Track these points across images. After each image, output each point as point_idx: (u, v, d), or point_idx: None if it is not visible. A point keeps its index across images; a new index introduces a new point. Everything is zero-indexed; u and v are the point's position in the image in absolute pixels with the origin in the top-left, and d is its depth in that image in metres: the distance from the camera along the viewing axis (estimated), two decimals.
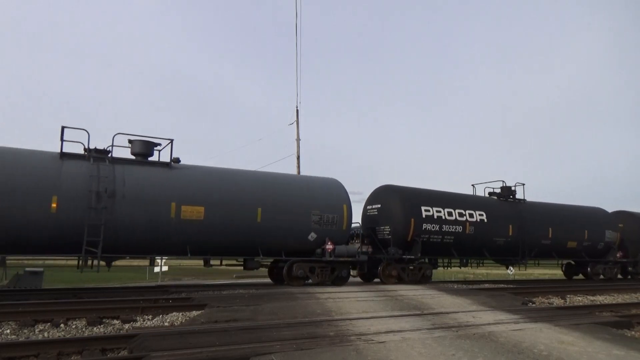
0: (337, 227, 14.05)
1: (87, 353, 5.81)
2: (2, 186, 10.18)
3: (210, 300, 9.52)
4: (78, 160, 11.33)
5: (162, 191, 11.79)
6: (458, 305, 9.71)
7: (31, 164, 10.74)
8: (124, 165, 11.73)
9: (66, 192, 10.71)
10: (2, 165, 10.41)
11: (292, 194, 13.65)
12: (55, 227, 10.54)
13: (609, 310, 10.48)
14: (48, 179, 10.66)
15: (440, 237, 15.93)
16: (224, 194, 12.55)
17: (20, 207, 10.26)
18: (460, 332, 6.65)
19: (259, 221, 12.80)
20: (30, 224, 10.36)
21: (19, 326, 7.25)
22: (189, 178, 12.37)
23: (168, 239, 11.80)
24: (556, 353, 5.55)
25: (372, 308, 8.99)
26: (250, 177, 13.49)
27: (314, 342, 5.74)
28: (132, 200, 11.38)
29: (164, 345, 5.51)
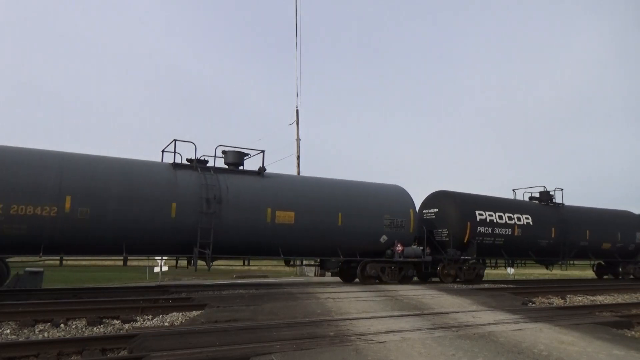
0: (405, 230, 15.39)
1: (87, 353, 5.81)
2: (134, 195, 11.40)
3: (210, 300, 9.52)
4: (187, 170, 12.63)
5: (259, 198, 13.03)
6: (458, 305, 9.71)
7: (154, 174, 12.07)
8: (224, 174, 13.01)
9: (183, 199, 11.95)
10: (131, 177, 11.64)
11: (367, 200, 14.99)
12: (174, 231, 11.77)
13: (609, 310, 10.47)
14: (169, 188, 11.95)
15: (492, 239, 17.27)
16: (310, 200, 13.83)
17: (148, 214, 11.48)
18: (460, 332, 6.65)
19: (340, 225, 14.08)
20: (155, 229, 11.57)
21: (19, 326, 7.25)
22: (280, 185, 13.68)
23: (264, 241, 12.98)
24: (556, 353, 5.56)
25: (372, 308, 8.99)
26: (331, 185, 14.86)
27: (314, 342, 5.74)
28: (234, 206, 12.57)
29: (164, 345, 5.51)
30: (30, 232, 10.34)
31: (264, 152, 13.80)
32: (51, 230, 10.54)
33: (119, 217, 11.18)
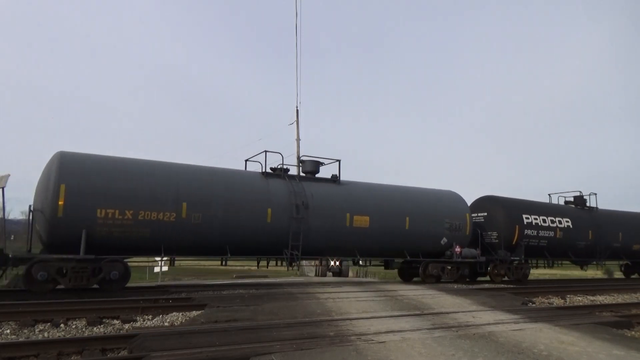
0: (462, 233, 16.62)
1: (87, 353, 5.81)
2: (236, 202, 12.58)
3: (210, 300, 9.52)
4: (277, 178, 13.85)
5: (338, 204, 14.26)
6: (458, 305, 9.71)
7: (250, 183, 13.34)
8: (306, 182, 14.23)
9: (276, 206, 13.13)
10: (232, 185, 12.90)
11: (429, 205, 16.33)
12: (269, 234, 12.97)
13: (609, 310, 10.47)
14: (264, 195, 13.15)
15: (537, 241, 18.48)
16: (382, 205, 15.07)
17: (248, 219, 12.68)
18: (460, 332, 6.65)
19: (407, 228, 15.36)
20: (253, 232, 12.78)
21: (19, 326, 7.25)
22: (355, 192, 14.93)
23: (343, 243, 14.23)
24: (556, 353, 5.55)
25: (372, 308, 8.99)
26: (399, 191, 16.22)
27: (314, 342, 5.74)
28: (319, 211, 13.75)
29: (164, 345, 5.51)
30: (152, 235, 11.52)
31: (339, 161, 15.16)
32: (170, 234, 11.75)
33: (224, 222, 12.38)
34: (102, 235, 10.96)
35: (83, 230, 10.66)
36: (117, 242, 11.23)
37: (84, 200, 10.78)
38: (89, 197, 10.85)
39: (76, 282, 10.65)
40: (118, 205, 11.09)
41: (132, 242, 11.38)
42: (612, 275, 30.25)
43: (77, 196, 10.71)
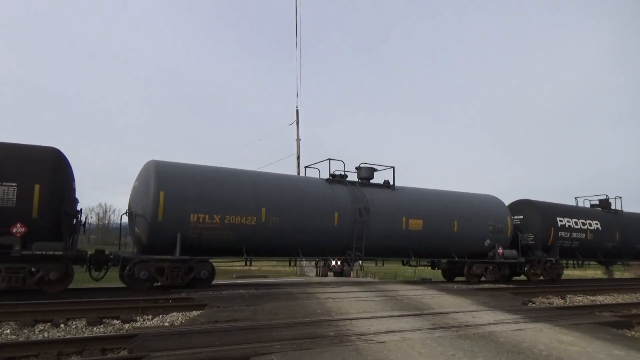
0: (503, 235, 17.61)
1: (87, 353, 5.81)
2: (306, 206, 13.60)
3: (210, 300, 9.52)
4: (339, 184, 14.88)
5: (395, 208, 15.25)
6: (458, 305, 9.71)
7: (318, 188, 14.41)
8: (365, 188, 15.22)
9: (342, 210, 14.16)
10: (302, 191, 13.91)
11: (474, 208, 17.30)
12: (336, 237, 14.00)
13: (609, 310, 10.47)
14: (331, 200, 14.18)
15: (570, 242, 19.50)
16: (433, 209, 16.09)
17: (317, 222, 13.69)
18: (460, 332, 6.65)
19: (455, 231, 16.32)
20: (322, 235, 13.80)
21: (19, 326, 7.25)
22: (409, 197, 15.98)
23: (399, 245, 15.29)
24: (556, 353, 5.55)
25: (372, 308, 8.99)
26: (447, 196, 17.19)
27: (314, 342, 5.74)
28: (378, 215, 14.70)
29: (164, 345, 5.51)
30: (236, 237, 12.53)
31: (394, 168, 16.16)
32: (251, 236, 12.75)
33: (297, 225, 13.36)
34: (193, 238, 11.99)
35: (178, 233, 11.71)
36: (206, 244, 12.25)
37: (180, 206, 11.81)
38: (184, 203, 11.87)
39: (173, 280, 11.66)
40: (208, 211, 12.10)
41: (218, 244, 12.44)
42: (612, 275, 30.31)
43: (174, 202, 11.74)
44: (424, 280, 21.90)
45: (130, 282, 11.67)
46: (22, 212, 10.09)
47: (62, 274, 10.62)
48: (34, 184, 10.19)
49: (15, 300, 9.37)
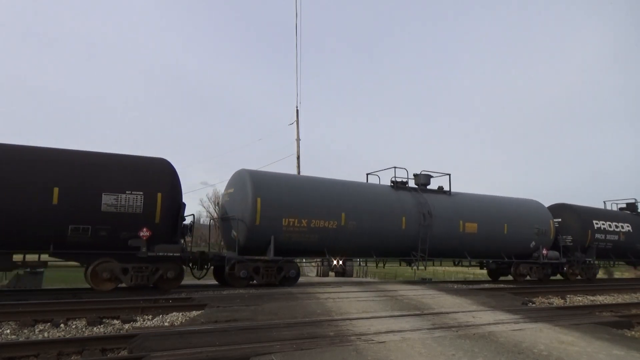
0: (547, 237, 18.95)
1: (87, 353, 5.81)
2: (377, 211, 14.84)
3: (210, 300, 9.52)
4: (404, 190, 16.29)
5: (453, 212, 16.58)
6: (458, 305, 9.71)
7: (386, 195, 15.75)
8: (426, 194, 16.59)
9: (409, 214, 15.47)
10: (374, 197, 15.21)
11: (521, 212, 18.62)
12: (403, 239, 15.36)
13: (609, 310, 10.47)
14: (398, 206, 15.50)
15: (605, 244, 20.74)
16: (486, 213, 17.53)
17: (388, 226, 15.02)
18: (460, 332, 6.65)
19: (505, 233, 17.70)
20: (392, 237, 15.17)
21: (19, 326, 7.25)
22: (465, 202, 17.36)
23: (456, 247, 16.61)
24: (556, 353, 5.55)
25: (372, 308, 8.99)
26: (497, 201, 18.72)
27: (314, 342, 5.74)
28: (439, 219, 15.99)
29: (164, 345, 5.51)
30: (319, 240, 13.82)
31: (449, 175, 17.46)
32: (332, 239, 14.02)
33: (371, 229, 14.62)
34: (283, 240, 13.21)
35: (272, 236, 12.96)
36: (294, 246, 13.48)
37: (274, 211, 13.05)
38: (277, 209, 13.12)
39: (267, 279, 13.06)
40: (297, 216, 13.40)
41: (304, 246, 13.70)
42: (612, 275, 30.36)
43: (269, 208, 12.99)
44: (424, 280, 21.92)
45: (231, 279, 12.95)
46: (148, 217, 11.37)
47: (177, 273, 11.93)
48: (157, 193, 11.51)
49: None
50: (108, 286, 11.15)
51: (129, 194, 11.19)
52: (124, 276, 11.24)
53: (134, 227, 11.18)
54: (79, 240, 10.85)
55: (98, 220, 10.88)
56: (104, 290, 11.03)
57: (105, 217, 10.93)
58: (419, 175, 17.04)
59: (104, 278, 11.08)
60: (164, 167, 12.08)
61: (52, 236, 10.62)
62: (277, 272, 13.13)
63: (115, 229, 11.08)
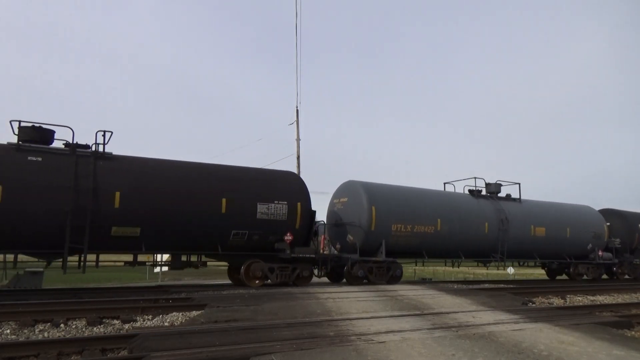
0: (601, 240, 20.90)
1: (87, 353, 5.81)
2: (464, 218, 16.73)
3: (210, 300, 9.51)
4: (482, 198, 18.14)
5: (524, 218, 18.46)
6: (458, 305, 9.70)
7: (469, 202, 17.53)
8: (500, 201, 18.39)
9: (490, 220, 17.37)
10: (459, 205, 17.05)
11: (579, 217, 20.61)
12: (485, 242, 17.27)
13: (609, 310, 10.46)
14: (480, 212, 17.33)
15: None
16: (552, 218, 19.52)
17: (473, 230, 16.85)
18: (460, 332, 6.64)
19: (568, 236, 19.77)
20: (476, 241, 16.98)
21: (19, 326, 7.24)
22: (533, 208, 19.26)
23: (527, 248, 18.69)
24: (556, 353, 5.55)
25: (372, 308, 8.98)
26: (559, 207, 20.63)
27: (314, 342, 5.74)
28: (514, 224, 17.90)
29: (164, 345, 5.51)
30: (420, 243, 15.69)
31: (519, 184, 19.37)
32: (429, 242, 15.84)
33: (460, 233, 16.44)
34: (391, 243, 14.92)
35: (383, 239, 14.74)
36: (399, 249, 15.23)
37: (385, 218, 14.79)
38: (388, 216, 14.86)
39: (379, 278, 14.80)
40: (403, 221, 15.18)
41: (407, 248, 15.47)
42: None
43: (382, 215, 14.73)
44: (424, 280, 21.93)
45: (349, 278, 14.66)
46: (290, 224, 13.29)
47: (310, 272, 13.77)
48: (297, 202, 13.44)
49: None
50: (258, 283, 13.05)
51: (277, 203, 13.13)
52: (271, 274, 13.08)
53: (280, 232, 13.15)
54: (237, 244, 12.80)
55: (253, 226, 12.79)
56: (253, 286, 12.78)
57: (258, 224, 12.84)
58: (491, 184, 18.89)
59: (256, 276, 12.93)
60: (299, 180, 14.31)
61: (219, 240, 12.51)
62: (386, 271, 14.86)
63: (266, 234, 13.01)
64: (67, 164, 10.92)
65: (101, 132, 11.59)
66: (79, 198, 10.72)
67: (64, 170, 10.83)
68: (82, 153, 11.31)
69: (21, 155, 10.59)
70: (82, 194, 10.77)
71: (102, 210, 10.97)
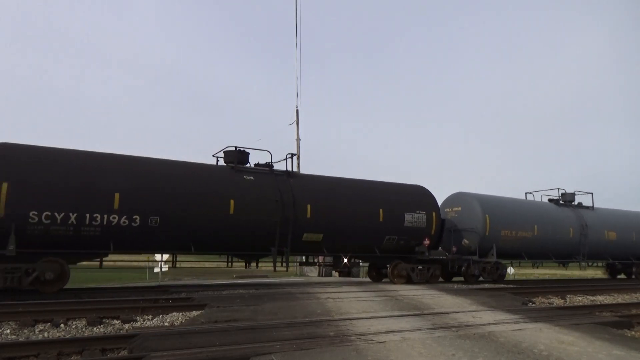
0: None
1: (87, 353, 5.80)
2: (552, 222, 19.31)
3: (210, 300, 9.51)
4: (564, 207, 20.74)
5: (599, 224, 20.97)
6: (458, 305, 9.71)
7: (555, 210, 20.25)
8: (579, 209, 20.97)
9: (573, 225, 19.89)
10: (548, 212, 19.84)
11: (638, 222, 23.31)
12: (570, 245, 19.75)
13: (609, 310, 10.45)
14: (565, 218, 19.94)
15: None
16: (621, 224, 22.09)
17: (560, 235, 19.29)
18: (460, 332, 6.65)
19: (633, 240, 22.20)
20: (563, 243, 19.39)
21: (19, 326, 7.24)
22: (607, 216, 21.95)
23: (601, 250, 20.98)
24: (556, 353, 5.55)
25: (372, 308, 8.99)
26: (625, 213, 23.37)
27: (314, 342, 5.74)
28: (591, 229, 20.37)
29: (164, 345, 5.51)
30: (520, 246, 18.19)
31: (592, 194, 22.06)
32: (527, 245, 18.39)
33: (552, 237, 19.06)
34: (500, 246, 17.46)
35: (494, 244, 17.29)
36: (504, 251, 17.75)
37: (496, 224, 17.42)
38: (499, 223, 17.47)
39: (490, 276, 17.23)
40: (510, 228, 17.75)
41: (511, 250, 18.06)
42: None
43: (494, 222, 17.37)
44: None
45: (467, 276, 16.91)
46: (428, 230, 15.62)
47: (440, 271, 16.19)
48: (432, 212, 15.87)
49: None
50: (401, 280, 15.25)
51: (418, 213, 15.47)
52: (412, 273, 15.29)
53: (420, 237, 15.46)
54: (388, 247, 15.08)
55: (401, 232, 15.08)
56: (398, 284, 14.85)
57: (405, 230, 15.13)
58: (567, 193, 21.35)
59: (401, 275, 15.22)
60: (430, 193, 16.60)
61: (375, 243, 14.79)
62: (495, 270, 17.30)
63: (409, 239, 15.32)
64: (270, 182, 13.24)
65: (289, 154, 14.26)
66: (284, 210, 12.95)
67: (269, 187, 13.12)
68: (278, 172, 13.72)
69: (238, 175, 12.90)
70: (285, 206, 13.02)
71: (299, 220, 13.21)
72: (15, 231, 9.74)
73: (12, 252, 9.68)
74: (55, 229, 10.24)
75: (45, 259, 10.21)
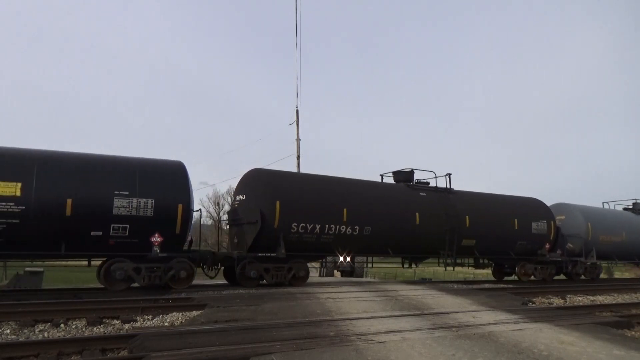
0: None
1: (87, 353, 5.81)
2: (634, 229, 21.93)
3: (210, 300, 9.51)
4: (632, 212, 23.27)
5: None
6: (458, 305, 9.70)
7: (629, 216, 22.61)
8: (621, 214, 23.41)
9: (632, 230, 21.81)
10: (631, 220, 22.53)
11: None
12: (624, 248, 21.43)
13: (609, 310, 10.46)
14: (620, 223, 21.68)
15: None
16: None
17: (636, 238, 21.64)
18: (460, 332, 6.65)
19: None
20: (611, 246, 20.79)
21: (19, 326, 7.24)
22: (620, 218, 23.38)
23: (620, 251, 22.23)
24: (556, 353, 5.55)
25: (372, 308, 8.99)
26: None
27: (314, 342, 5.74)
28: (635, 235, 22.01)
29: (164, 345, 5.51)
30: (612, 250, 20.72)
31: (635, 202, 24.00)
32: (618, 248, 20.93)
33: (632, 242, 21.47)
34: (599, 250, 19.99)
35: (593, 247, 19.84)
36: (602, 254, 20.26)
37: (596, 231, 19.92)
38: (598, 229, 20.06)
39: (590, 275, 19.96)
40: (607, 233, 20.45)
41: (606, 253, 20.48)
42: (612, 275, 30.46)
43: (595, 229, 19.79)
44: (424, 280, 21.94)
45: (573, 275, 19.25)
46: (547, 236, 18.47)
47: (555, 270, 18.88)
48: (551, 221, 18.77)
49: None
50: (526, 277, 17.98)
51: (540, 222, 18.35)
52: (535, 272, 18.11)
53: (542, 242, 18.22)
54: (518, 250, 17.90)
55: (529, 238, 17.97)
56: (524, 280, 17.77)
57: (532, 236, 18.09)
58: (637, 203, 23.81)
59: (527, 273, 17.99)
60: (545, 204, 19.39)
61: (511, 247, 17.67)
62: (594, 269, 19.89)
63: (534, 243, 18.07)
64: (436, 198, 16.25)
65: (448, 174, 17.03)
66: (449, 221, 15.87)
67: (437, 202, 16.11)
68: (440, 189, 16.72)
69: (415, 193, 16.07)
70: (450, 218, 15.96)
71: (460, 229, 16.11)
72: (283, 238, 12.78)
73: (283, 254, 12.68)
74: (306, 236, 13.28)
75: (293, 261, 13.19)
